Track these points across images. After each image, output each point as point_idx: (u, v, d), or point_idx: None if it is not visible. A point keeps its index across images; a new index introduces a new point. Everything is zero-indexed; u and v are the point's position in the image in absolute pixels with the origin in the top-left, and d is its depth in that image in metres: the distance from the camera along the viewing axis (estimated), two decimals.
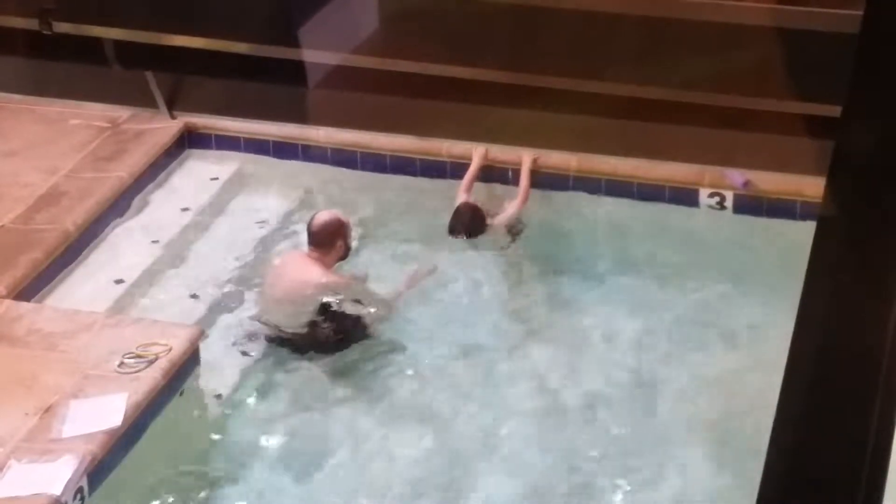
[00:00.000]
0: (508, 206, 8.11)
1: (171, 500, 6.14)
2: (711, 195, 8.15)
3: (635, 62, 7.95)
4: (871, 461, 2.35)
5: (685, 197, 8.21)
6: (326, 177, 8.62)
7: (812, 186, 7.69)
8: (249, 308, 7.44)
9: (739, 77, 7.78)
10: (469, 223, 7.89)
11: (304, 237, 7.78)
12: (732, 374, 6.85)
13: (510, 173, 8.43)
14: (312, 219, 7.34)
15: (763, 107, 7.82)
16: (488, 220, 7.95)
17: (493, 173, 8.47)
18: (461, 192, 8.13)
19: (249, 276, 7.73)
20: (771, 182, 8.08)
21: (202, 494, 6.19)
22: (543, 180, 8.38)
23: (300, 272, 7.22)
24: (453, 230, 7.90)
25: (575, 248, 7.98)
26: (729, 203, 8.13)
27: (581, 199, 8.32)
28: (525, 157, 8.22)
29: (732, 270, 7.67)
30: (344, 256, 7.30)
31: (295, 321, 7.10)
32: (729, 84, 7.76)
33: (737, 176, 8.10)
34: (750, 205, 8.11)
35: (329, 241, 7.23)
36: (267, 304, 7.26)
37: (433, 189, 8.49)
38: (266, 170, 8.75)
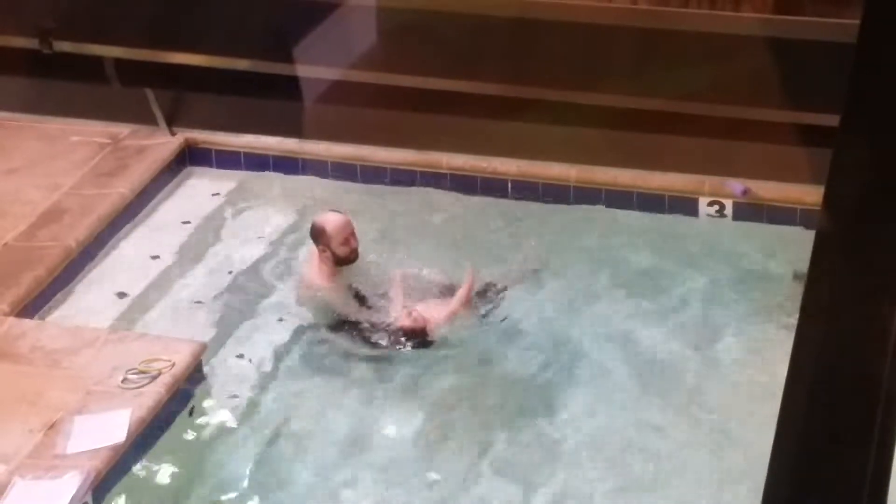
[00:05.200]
0: (446, 303, 7.35)
1: None
2: (711, 204, 8.17)
3: (634, 74, 8.00)
4: (872, 481, 2.36)
5: (685, 206, 8.23)
6: (327, 190, 8.64)
7: (811, 194, 7.73)
8: (251, 322, 7.45)
9: (738, 87, 7.82)
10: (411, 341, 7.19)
11: (304, 250, 7.83)
12: None
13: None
14: None
15: (761, 117, 7.88)
16: (429, 331, 7.18)
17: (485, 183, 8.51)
18: (396, 305, 7.37)
19: (250, 290, 7.73)
20: (770, 190, 8.10)
21: None
22: (544, 191, 8.42)
23: (305, 264, 7.57)
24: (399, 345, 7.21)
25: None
26: (729, 211, 8.15)
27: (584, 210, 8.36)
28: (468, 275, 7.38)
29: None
30: (336, 261, 7.31)
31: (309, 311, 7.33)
32: (727, 94, 7.81)
33: (736, 185, 8.13)
34: (750, 213, 8.13)
35: (313, 239, 7.38)
36: None
37: (434, 201, 8.51)
38: (266, 184, 8.77)
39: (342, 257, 7.28)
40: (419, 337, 7.15)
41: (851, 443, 2.37)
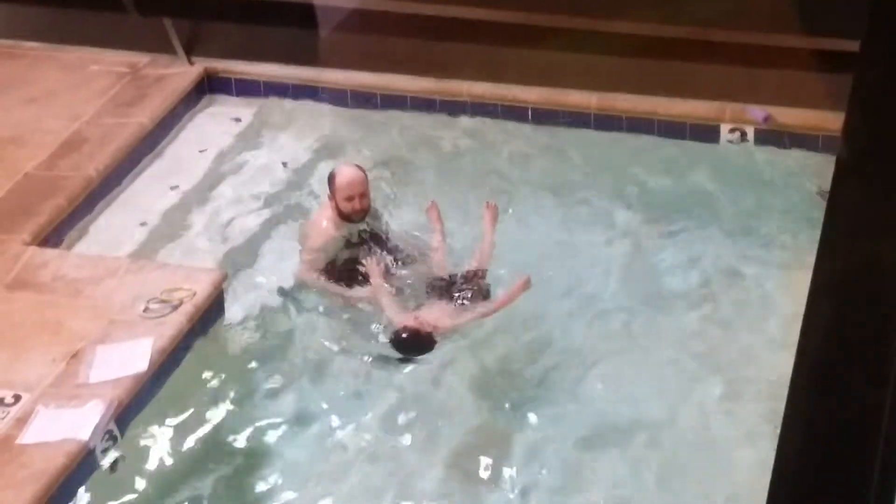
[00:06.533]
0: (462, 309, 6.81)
1: (199, 443, 6.17)
2: (732, 130, 8.15)
3: (655, 0, 7.94)
4: (889, 421, 2.37)
5: (706, 133, 8.21)
6: (346, 118, 8.62)
7: (833, 121, 7.70)
8: (271, 251, 7.45)
9: (759, 14, 7.77)
10: (415, 348, 6.60)
11: (321, 179, 7.81)
12: None
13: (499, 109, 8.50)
14: None
15: (783, 43, 7.83)
16: (437, 336, 6.61)
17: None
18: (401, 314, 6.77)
19: (272, 218, 7.73)
20: (791, 117, 8.08)
21: (230, 438, 6.22)
22: (564, 119, 8.41)
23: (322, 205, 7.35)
24: (402, 353, 6.63)
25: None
26: (750, 138, 8.14)
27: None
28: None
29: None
30: (342, 214, 7.02)
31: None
32: (749, 21, 7.75)
33: (757, 111, 8.09)
34: (771, 139, 8.11)
35: (328, 183, 7.18)
36: None
37: (454, 128, 8.49)
38: (286, 112, 8.76)
39: (343, 213, 7.05)
40: (423, 345, 6.59)
41: (869, 369, 2.38)
